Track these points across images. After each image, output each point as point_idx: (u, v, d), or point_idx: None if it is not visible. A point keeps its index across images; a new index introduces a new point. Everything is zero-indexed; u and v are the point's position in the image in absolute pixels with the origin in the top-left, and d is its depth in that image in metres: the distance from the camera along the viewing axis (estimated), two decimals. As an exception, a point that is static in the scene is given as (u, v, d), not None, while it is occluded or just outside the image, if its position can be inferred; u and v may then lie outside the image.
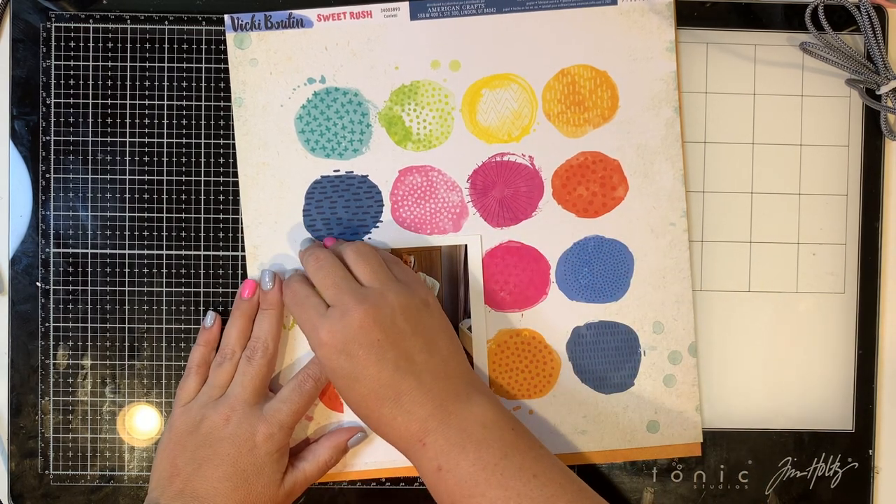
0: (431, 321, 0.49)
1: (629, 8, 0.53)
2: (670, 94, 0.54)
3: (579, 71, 0.53)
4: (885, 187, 0.55)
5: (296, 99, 0.53)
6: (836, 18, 0.54)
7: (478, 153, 0.54)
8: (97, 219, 0.54)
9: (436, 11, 0.53)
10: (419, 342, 0.47)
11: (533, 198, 0.54)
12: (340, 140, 0.54)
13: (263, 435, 0.49)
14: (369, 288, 0.48)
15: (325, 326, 0.47)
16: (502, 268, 0.54)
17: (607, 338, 0.54)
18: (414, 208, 0.54)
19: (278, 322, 0.52)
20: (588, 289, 0.54)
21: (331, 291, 0.48)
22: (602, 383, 0.54)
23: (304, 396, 0.50)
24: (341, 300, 0.47)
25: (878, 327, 0.55)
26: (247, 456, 0.48)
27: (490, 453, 0.45)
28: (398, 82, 0.53)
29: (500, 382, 0.54)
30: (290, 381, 0.51)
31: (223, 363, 0.51)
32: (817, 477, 0.55)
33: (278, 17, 0.53)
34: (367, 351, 0.46)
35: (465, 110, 0.54)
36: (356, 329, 0.46)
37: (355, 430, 0.53)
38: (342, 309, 0.47)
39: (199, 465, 0.48)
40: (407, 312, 0.48)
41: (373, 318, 0.46)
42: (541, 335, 0.54)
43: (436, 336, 0.48)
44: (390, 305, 0.47)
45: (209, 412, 0.49)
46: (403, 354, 0.47)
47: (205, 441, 0.49)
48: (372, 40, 0.53)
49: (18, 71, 0.53)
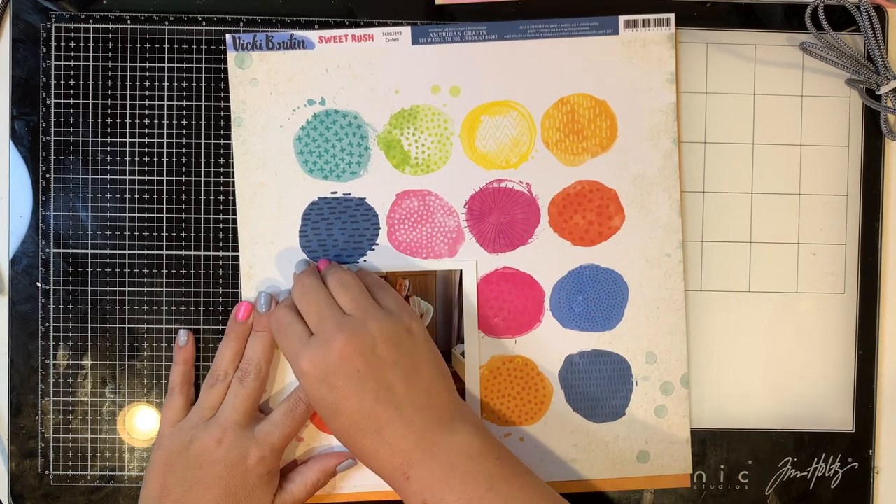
0: (414, 349, 0.47)
1: (631, 38, 0.53)
2: (669, 126, 0.54)
3: (579, 100, 0.53)
4: (885, 187, 0.55)
5: (295, 120, 0.53)
6: (836, 18, 0.54)
7: (475, 179, 0.54)
8: (97, 219, 0.54)
9: (437, 37, 0.53)
10: (400, 372, 0.46)
11: (529, 225, 0.54)
12: (339, 162, 0.54)
13: (255, 458, 0.48)
14: (351, 316, 0.47)
15: (307, 355, 0.46)
16: (497, 294, 0.54)
17: (600, 367, 0.54)
18: (410, 232, 0.54)
19: (271, 344, 0.52)
20: (582, 317, 0.54)
21: (314, 319, 0.47)
22: (594, 412, 0.54)
23: (297, 420, 0.50)
24: (322, 328, 0.47)
25: (878, 327, 0.55)
26: (238, 478, 0.48)
27: (475, 486, 0.44)
28: (398, 106, 0.53)
29: (492, 408, 0.54)
30: (281, 404, 0.51)
31: (215, 385, 0.51)
32: (817, 477, 0.55)
33: (280, 38, 0.53)
34: (346, 381, 0.45)
35: (464, 136, 0.54)
36: (336, 359, 0.45)
37: (345, 456, 0.52)
38: (323, 338, 0.46)
39: (189, 488, 0.48)
40: (388, 341, 0.46)
41: (353, 348, 0.45)
42: (533, 362, 0.54)
43: (419, 364, 0.47)
44: (370, 334, 0.46)
45: (199, 434, 0.49)
46: (384, 385, 0.46)
47: (195, 463, 0.48)
48: (373, 63, 0.53)
49: (18, 71, 0.53)
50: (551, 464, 0.54)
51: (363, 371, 0.45)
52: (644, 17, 0.53)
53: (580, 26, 0.53)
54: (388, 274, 0.54)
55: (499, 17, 0.54)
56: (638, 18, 0.53)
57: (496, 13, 0.54)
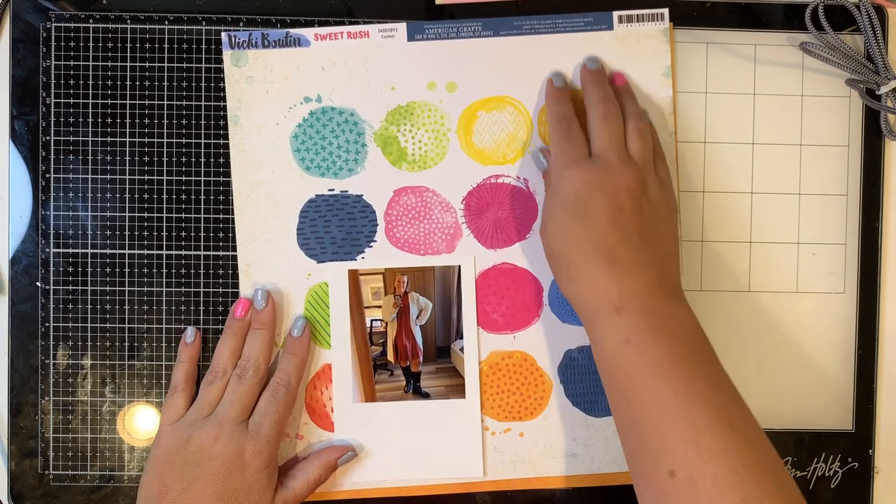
0: (668, 223, 0.49)
1: (625, 33, 0.53)
2: (666, 119, 0.54)
3: (574, 94, 0.53)
4: (885, 187, 0.55)
5: (292, 117, 0.53)
6: (836, 18, 0.54)
7: (472, 175, 0.54)
8: (97, 219, 0.54)
9: (433, 33, 0.53)
10: (651, 229, 0.48)
11: (527, 220, 0.54)
12: (336, 159, 0.54)
13: (252, 452, 0.48)
14: (635, 162, 0.49)
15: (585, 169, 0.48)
16: (495, 289, 0.54)
17: None
18: (408, 228, 0.54)
19: (270, 341, 0.52)
20: None
21: (603, 142, 0.49)
22: (593, 407, 0.54)
23: (280, 404, 0.50)
24: (608, 155, 0.48)
25: (878, 327, 0.55)
26: (237, 475, 0.48)
27: (683, 349, 0.45)
28: (394, 103, 0.53)
29: (491, 404, 0.54)
30: (263, 394, 0.51)
31: (214, 381, 0.51)
32: (817, 477, 0.55)
33: (275, 36, 0.53)
34: (606, 205, 0.47)
35: (461, 132, 0.54)
36: (608, 185, 0.47)
37: (345, 449, 0.52)
38: (605, 162, 0.48)
39: (188, 485, 0.48)
40: (652, 202, 0.48)
41: (628, 186, 0.47)
42: (533, 357, 0.54)
43: (664, 235, 0.49)
44: (644, 185, 0.48)
45: (197, 431, 0.49)
46: (636, 229, 0.47)
47: (193, 459, 0.48)
48: (369, 60, 0.53)
49: (18, 71, 0.53)
50: (551, 459, 0.54)
51: (625, 208, 0.47)
52: (638, 13, 0.53)
53: (575, 22, 0.53)
54: (386, 270, 0.54)
55: (498, 16, 0.53)
56: (632, 14, 0.53)
57: (495, 12, 0.54)
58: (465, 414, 0.54)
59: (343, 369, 0.54)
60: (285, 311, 0.53)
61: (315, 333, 0.54)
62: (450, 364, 0.54)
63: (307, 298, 0.54)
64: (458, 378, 0.54)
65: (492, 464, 0.54)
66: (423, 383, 0.54)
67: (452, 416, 0.54)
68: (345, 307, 0.54)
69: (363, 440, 0.53)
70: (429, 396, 0.54)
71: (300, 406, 0.54)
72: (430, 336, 0.54)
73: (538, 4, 0.54)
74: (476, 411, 0.54)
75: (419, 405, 0.54)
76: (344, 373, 0.54)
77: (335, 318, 0.54)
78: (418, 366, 0.54)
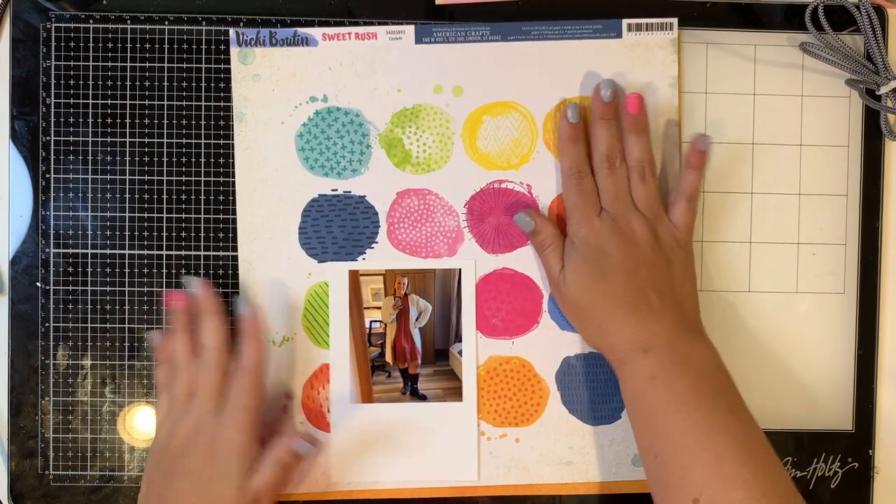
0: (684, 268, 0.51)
1: (634, 42, 0.53)
2: (671, 129, 0.54)
3: (581, 102, 0.53)
4: (885, 187, 0.55)
5: (297, 116, 0.53)
6: (836, 18, 0.54)
7: (476, 179, 0.54)
8: (97, 219, 0.54)
9: (441, 36, 0.53)
10: (668, 279, 0.50)
11: None
12: (340, 160, 0.54)
13: (223, 440, 0.48)
14: (645, 215, 0.51)
15: (599, 221, 0.50)
16: (495, 294, 0.54)
17: (597, 369, 0.54)
18: (410, 231, 0.54)
19: (221, 323, 0.50)
20: None
21: (610, 196, 0.51)
22: (590, 414, 0.54)
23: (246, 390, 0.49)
24: (617, 207, 0.51)
25: (878, 327, 0.55)
26: (209, 464, 0.48)
27: (706, 384, 0.47)
28: (400, 105, 0.53)
29: (488, 409, 0.54)
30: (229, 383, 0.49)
31: (180, 375, 0.50)
32: (817, 477, 0.55)
33: (283, 35, 0.53)
34: (623, 259, 0.49)
35: (466, 136, 0.54)
36: (627, 233, 0.50)
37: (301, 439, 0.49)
38: (613, 217, 0.50)
39: (168, 481, 0.48)
40: (666, 253, 0.50)
41: (635, 240, 0.50)
42: (530, 363, 0.54)
43: (683, 281, 0.51)
44: (654, 238, 0.50)
45: (175, 427, 0.49)
46: (654, 276, 0.49)
47: (177, 453, 0.49)
48: (376, 62, 0.53)
49: (18, 71, 0.53)
50: (547, 466, 0.54)
51: (640, 261, 0.49)
52: (647, 21, 0.53)
53: (583, 29, 0.53)
54: (386, 272, 0.54)
55: (498, 18, 0.53)
56: (641, 22, 0.53)
57: (496, 13, 0.54)
58: (462, 418, 0.54)
59: (341, 370, 0.54)
60: (285, 311, 0.53)
61: (314, 333, 0.54)
62: (448, 367, 0.54)
63: (307, 298, 0.54)
64: (455, 381, 0.54)
65: (486, 469, 0.54)
66: (421, 386, 0.54)
67: (449, 419, 0.54)
68: (344, 307, 0.54)
69: (359, 441, 0.53)
70: (426, 399, 0.54)
71: (297, 405, 0.54)
72: (428, 338, 0.54)
73: (539, 5, 0.54)
74: (472, 415, 0.54)
75: (416, 407, 0.54)
76: (341, 373, 0.54)
77: (334, 319, 0.54)
78: (416, 368, 0.54)
